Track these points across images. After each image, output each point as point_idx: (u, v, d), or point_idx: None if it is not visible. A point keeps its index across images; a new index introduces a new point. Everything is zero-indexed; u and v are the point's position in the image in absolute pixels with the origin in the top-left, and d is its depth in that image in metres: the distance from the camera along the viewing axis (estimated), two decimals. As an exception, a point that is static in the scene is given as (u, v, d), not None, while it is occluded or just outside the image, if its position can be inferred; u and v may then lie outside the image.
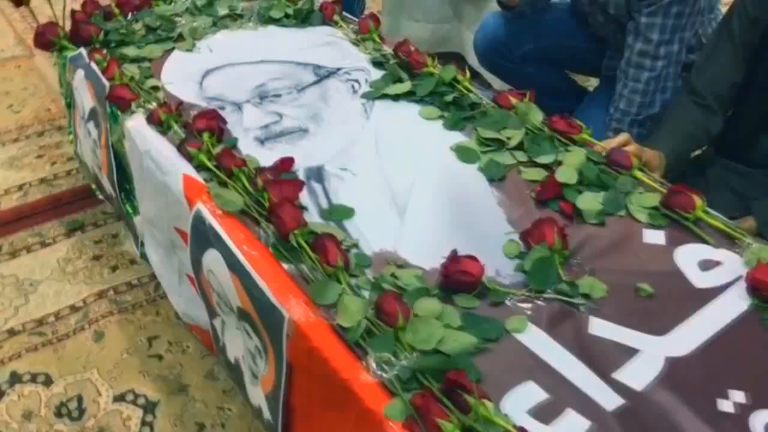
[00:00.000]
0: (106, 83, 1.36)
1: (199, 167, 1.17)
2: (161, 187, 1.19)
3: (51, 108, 2.18)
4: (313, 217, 1.08)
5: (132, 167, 1.33)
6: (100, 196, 1.68)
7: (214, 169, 1.15)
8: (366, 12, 2.37)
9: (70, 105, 1.62)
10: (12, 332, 1.39)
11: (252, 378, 1.08)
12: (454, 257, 0.95)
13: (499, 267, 0.99)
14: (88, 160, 1.57)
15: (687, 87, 1.43)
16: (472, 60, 2.25)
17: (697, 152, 1.49)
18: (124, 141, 1.33)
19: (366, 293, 0.94)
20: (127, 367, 1.31)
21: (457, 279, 0.93)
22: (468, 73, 1.40)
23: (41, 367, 1.31)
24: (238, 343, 1.10)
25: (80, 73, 1.48)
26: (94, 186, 1.69)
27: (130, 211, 1.45)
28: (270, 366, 0.99)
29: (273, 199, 1.05)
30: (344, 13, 1.71)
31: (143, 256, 1.48)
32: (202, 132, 1.23)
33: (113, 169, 1.41)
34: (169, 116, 1.27)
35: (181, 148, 1.19)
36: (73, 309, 1.45)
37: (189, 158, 1.18)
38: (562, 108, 1.90)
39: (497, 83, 2.05)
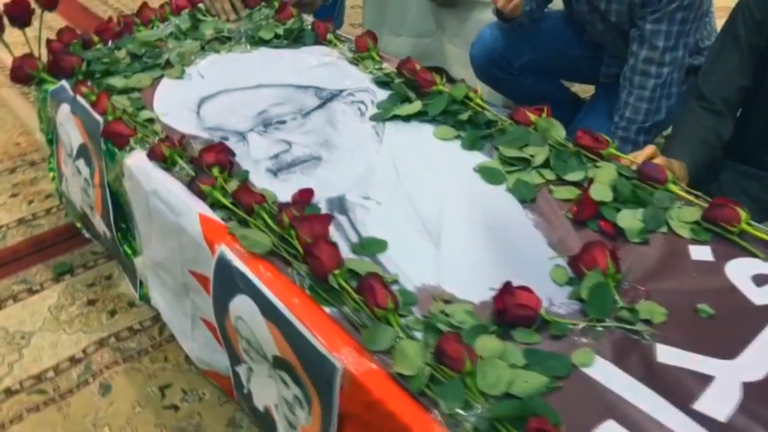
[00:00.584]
0: (99, 119, 1.27)
1: (214, 205, 1.10)
2: (173, 228, 1.11)
3: (20, 142, 2.06)
4: (343, 252, 1.02)
5: (134, 207, 1.25)
6: (87, 235, 1.58)
7: (231, 206, 1.08)
8: (344, 27, 2.32)
9: (52, 141, 1.52)
10: (9, 392, 1.28)
11: (288, 427, 1.01)
12: (507, 289, 0.90)
13: (550, 295, 0.94)
14: (76, 200, 1.47)
15: (694, 92, 1.42)
16: (456, 73, 2.22)
17: (708, 157, 1.48)
18: (123, 180, 1.24)
19: (418, 334, 0.88)
20: (141, 421, 1.22)
21: (515, 313, 0.88)
22: (480, 90, 1.35)
23: (47, 430, 1.21)
24: (270, 392, 1.03)
25: (65, 108, 1.38)
26: (79, 224, 1.59)
27: (129, 252, 1.36)
28: (314, 417, 0.92)
29: (303, 237, 0.99)
30: (338, 32, 1.65)
31: (143, 297, 1.39)
32: (211, 167, 1.15)
33: (109, 209, 1.32)
34: (173, 151, 1.19)
35: (192, 185, 1.12)
36: (74, 361, 1.34)
37: (202, 196, 1.10)
38: (559, 117, 1.89)
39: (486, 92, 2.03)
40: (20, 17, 1.44)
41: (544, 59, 1.69)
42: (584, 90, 2.05)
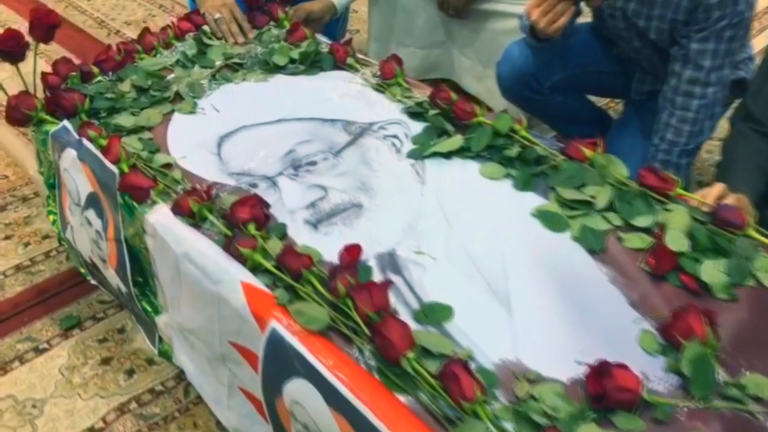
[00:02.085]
0: (114, 169, 1.15)
1: (256, 269, 0.99)
2: (211, 297, 1.00)
3: (8, 175, 1.91)
4: (403, 319, 0.92)
5: (158, 267, 1.13)
6: (93, 281, 1.46)
7: (275, 271, 0.98)
8: (347, 37, 2.21)
9: (54, 186, 1.39)
10: (25, 473, 1.17)
11: None
12: (602, 369, 0.81)
13: (643, 368, 0.85)
14: (84, 250, 1.35)
15: (742, 113, 1.34)
16: (467, 85, 2.12)
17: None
18: (145, 237, 1.13)
19: (509, 425, 0.79)
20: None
21: (615, 398, 0.79)
22: (524, 121, 1.26)
23: None
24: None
25: (70, 154, 1.25)
26: (83, 270, 1.46)
27: (149, 309, 1.24)
28: None
29: (363, 309, 0.89)
30: (359, 54, 1.54)
31: (163, 354, 1.28)
32: (246, 223, 1.04)
33: (126, 265, 1.20)
34: (202, 206, 1.08)
35: (229, 247, 1.01)
36: (93, 432, 1.23)
37: (241, 260, 0.99)
38: (586, 134, 1.80)
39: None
40: (13, 53, 1.31)
41: (574, 77, 1.60)
42: (598, 100, 1.97)
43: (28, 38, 1.35)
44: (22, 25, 2.78)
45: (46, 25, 1.32)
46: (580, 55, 1.59)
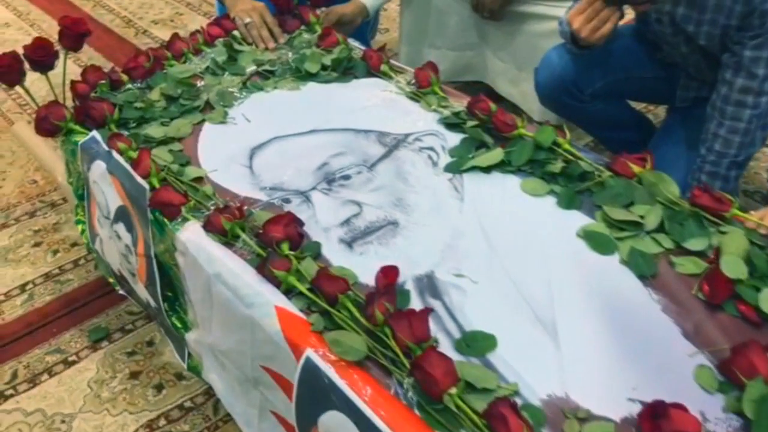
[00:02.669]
0: (144, 184, 1.12)
1: (289, 291, 0.96)
2: (243, 320, 0.97)
3: (37, 179, 1.90)
4: (444, 348, 0.88)
5: (188, 285, 1.10)
6: (121, 292, 1.43)
7: (310, 295, 0.94)
8: (377, 38, 2.16)
9: (83, 197, 1.37)
10: (54, 492, 1.15)
11: None
12: (658, 410, 0.76)
13: (702, 406, 0.80)
14: (113, 262, 1.33)
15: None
16: (501, 89, 2.07)
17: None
18: (176, 254, 1.10)
19: (559, 469, 0.74)
20: None
21: (674, 441, 0.74)
22: (568, 135, 1.20)
23: None
24: None
25: (99, 166, 1.23)
26: (111, 280, 1.44)
27: (179, 325, 1.22)
28: None
29: (402, 339, 0.85)
30: (392, 61, 1.49)
31: (192, 369, 1.25)
32: (280, 243, 1.01)
33: (156, 281, 1.17)
34: (234, 224, 1.04)
35: (263, 268, 0.97)
36: (122, 450, 1.21)
37: (275, 282, 0.96)
38: (626, 140, 1.74)
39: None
40: (43, 62, 1.28)
41: (616, 83, 1.54)
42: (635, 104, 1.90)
43: (58, 47, 1.32)
44: (50, 25, 2.83)
45: (75, 34, 1.30)
46: (623, 60, 1.53)
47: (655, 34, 1.47)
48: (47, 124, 1.28)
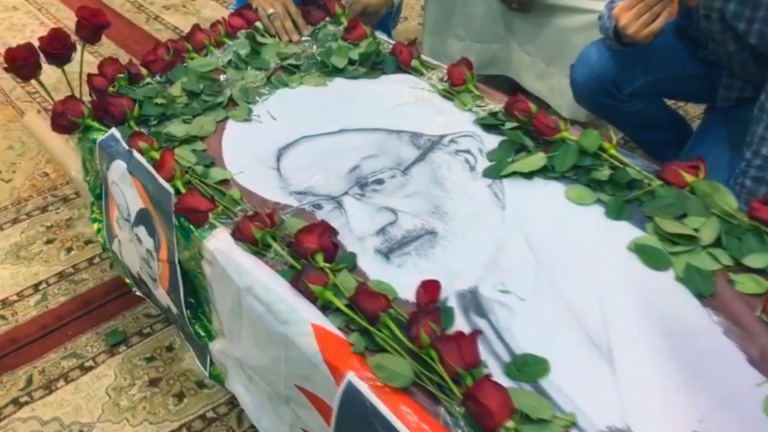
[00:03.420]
0: (169, 188, 1.06)
1: (326, 307, 0.90)
2: (277, 337, 0.91)
3: (48, 171, 1.85)
4: (491, 372, 0.83)
5: (215, 296, 1.05)
6: (138, 293, 1.38)
7: (349, 312, 0.88)
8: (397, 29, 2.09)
9: (100, 196, 1.31)
10: None
11: None
12: (732, 447, 0.71)
13: (773, 442, 0.76)
14: (132, 265, 1.27)
15: None
16: (528, 84, 2.00)
17: None
18: (202, 262, 1.04)
19: None
20: None
21: (751, 484, 0.69)
22: (614, 138, 1.14)
23: None
24: None
25: (119, 166, 1.17)
26: (128, 281, 1.39)
27: (202, 333, 1.17)
28: None
29: (451, 364, 0.79)
30: (423, 56, 1.42)
31: (215, 377, 1.20)
32: (314, 254, 0.95)
33: (179, 288, 1.12)
34: (265, 233, 0.98)
35: (298, 283, 0.92)
36: (143, 463, 1.16)
37: (310, 297, 0.90)
38: (661, 141, 1.69)
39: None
40: (59, 54, 1.22)
41: (656, 82, 1.47)
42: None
43: (75, 38, 1.25)
44: (58, 8, 2.75)
45: (94, 26, 1.23)
46: (664, 58, 1.46)
47: (699, 30, 1.40)
48: (64, 120, 1.22)
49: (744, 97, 1.45)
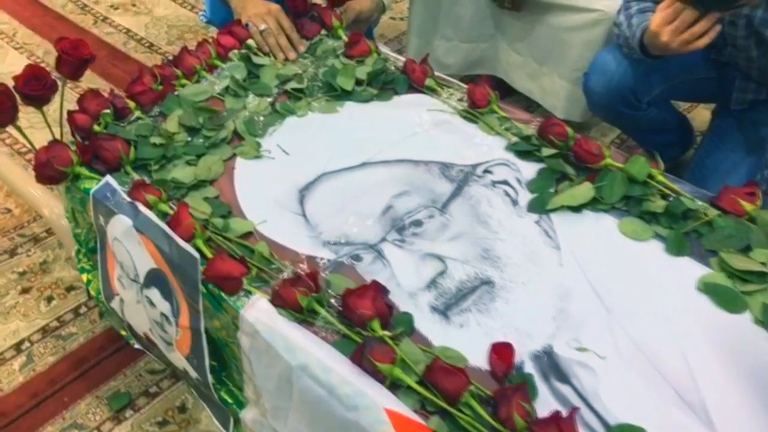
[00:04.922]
0: (194, 254, 0.93)
1: (395, 386, 0.81)
2: (343, 424, 0.81)
3: (10, 207, 1.66)
4: (586, 448, 0.76)
5: (255, 371, 0.93)
6: (136, 346, 1.25)
7: (422, 390, 0.80)
8: (375, 30, 1.98)
9: (94, 250, 1.17)
10: None
11: None
12: None
13: None
14: (139, 325, 1.14)
15: None
16: (517, 83, 1.93)
17: None
18: (238, 334, 0.93)
19: None
20: None
21: None
22: (662, 165, 1.07)
23: None
24: None
25: (122, 222, 1.03)
26: (124, 333, 1.25)
27: (229, 401, 1.05)
28: None
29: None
30: (438, 74, 1.32)
31: (239, 441, 1.09)
32: (369, 322, 0.85)
33: (205, 357, 1.00)
34: (312, 299, 0.88)
35: (360, 359, 0.82)
36: None
37: (375, 374, 0.81)
38: (666, 142, 1.65)
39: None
40: (38, 96, 1.06)
41: (672, 88, 1.42)
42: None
43: (55, 75, 1.10)
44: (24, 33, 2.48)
45: (77, 60, 1.08)
46: (681, 64, 1.40)
47: (724, 36, 1.35)
48: (50, 170, 1.07)
49: (758, 99, 1.41)
